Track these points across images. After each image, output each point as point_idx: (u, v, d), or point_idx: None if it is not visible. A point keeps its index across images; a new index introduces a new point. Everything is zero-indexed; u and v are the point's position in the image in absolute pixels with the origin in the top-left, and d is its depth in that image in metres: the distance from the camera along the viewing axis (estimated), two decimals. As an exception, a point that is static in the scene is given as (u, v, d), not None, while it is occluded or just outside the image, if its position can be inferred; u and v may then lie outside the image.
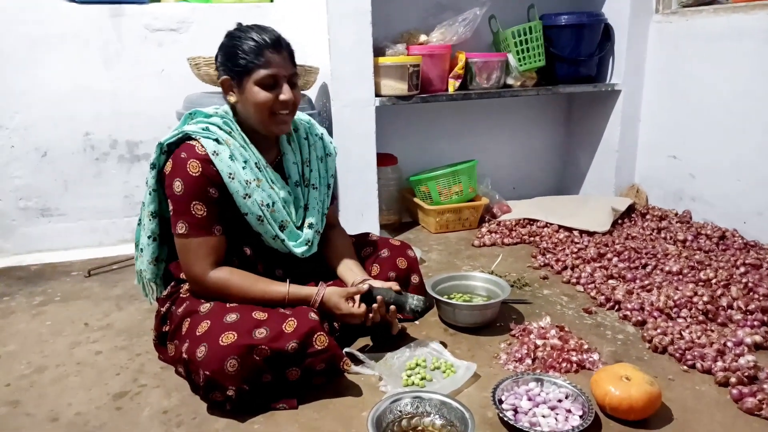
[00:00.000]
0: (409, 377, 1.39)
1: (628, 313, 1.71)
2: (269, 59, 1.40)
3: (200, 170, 1.38)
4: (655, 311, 1.69)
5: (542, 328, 1.59)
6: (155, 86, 2.45)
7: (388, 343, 1.56)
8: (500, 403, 1.26)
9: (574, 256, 2.16)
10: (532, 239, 2.43)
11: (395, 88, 2.37)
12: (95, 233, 2.54)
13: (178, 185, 1.38)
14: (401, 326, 1.62)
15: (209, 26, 2.42)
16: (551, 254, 2.22)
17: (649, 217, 2.56)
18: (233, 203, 1.44)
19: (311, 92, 2.40)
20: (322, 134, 1.70)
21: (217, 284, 1.42)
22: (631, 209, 2.63)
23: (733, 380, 1.34)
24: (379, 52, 2.37)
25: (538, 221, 2.55)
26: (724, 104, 2.33)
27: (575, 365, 1.44)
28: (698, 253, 2.14)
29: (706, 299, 1.69)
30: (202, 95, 2.12)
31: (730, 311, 1.68)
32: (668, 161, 2.63)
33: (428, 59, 2.46)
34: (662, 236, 2.35)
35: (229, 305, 1.38)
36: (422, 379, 1.38)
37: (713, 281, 1.85)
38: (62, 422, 1.30)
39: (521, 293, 1.92)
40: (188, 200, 1.38)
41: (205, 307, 1.39)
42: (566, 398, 1.28)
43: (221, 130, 1.45)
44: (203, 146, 1.40)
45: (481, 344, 1.59)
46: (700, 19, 2.41)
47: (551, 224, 2.50)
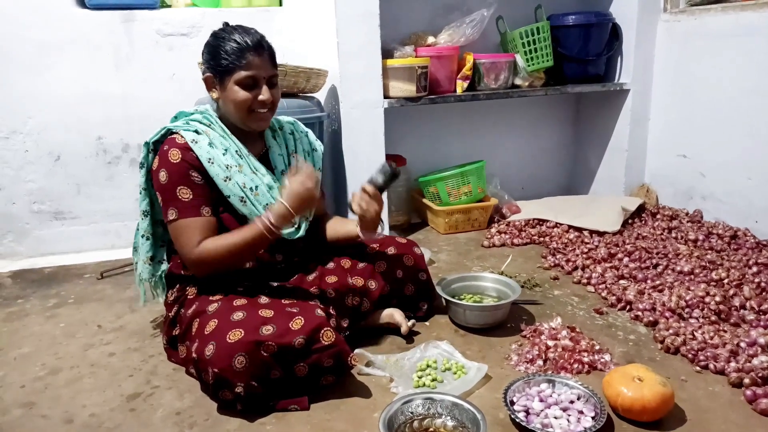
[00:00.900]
0: (420, 378, 1.39)
1: (639, 313, 1.70)
2: (250, 61, 1.45)
3: (180, 157, 1.43)
4: (666, 311, 1.68)
5: (553, 328, 1.58)
6: (166, 90, 2.48)
7: (398, 343, 1.56)
8: (512, 404, 1.26)
9: (584, 256, 2.15)
10: (541, 239, 2.42)
11: (404, 89, 2.38)
12: (107, 236, 2.57)
13: (163, 175, 1.44)
14: (411, 323, 1.62)
15: (218, 30, 2.43)
16: (561, 254, 2.22)
17: (659, 216, 2.55)
18: (218, 189, 1.47)
19: (320, 95, 2.41)
20: (307, 132, 1.76)
21: (203, 255, 1.41)
22: (641, 209, 2.62)
23: (746, 381, 1.33)
24: (387, 53, 2.38)
25: (547, 221, 2.55)
26: (733, 102, 2.31)
27: (587, 366, 1.43)
28: (710, 252, 2.13)
29: (718, 299, 1.67)
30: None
31: (742, 311, 1.67)
32: (678, 160, 2.61)
33: (436, 60, 2.47)
34: (673, 236, 2.34)
35: (236, 304, 1.39)
36: (433, 380, 1.38)
37: (725, 281, 1.84)
38: (77, 423, 1.31)
39: (532, 294, 1.91)
40: (173, 186, 1.43)
41: (212, 307, 1.40)
42: (578, 399, 1.27)
43: (201, 123, 1.52)
44: (182, 136, 1.46)
45: (491, 345, 1.59)
46: (708, 17, 2.39)
47: (561, 224, 2.50)
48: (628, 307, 1.77)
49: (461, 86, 2.54)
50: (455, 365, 1.44)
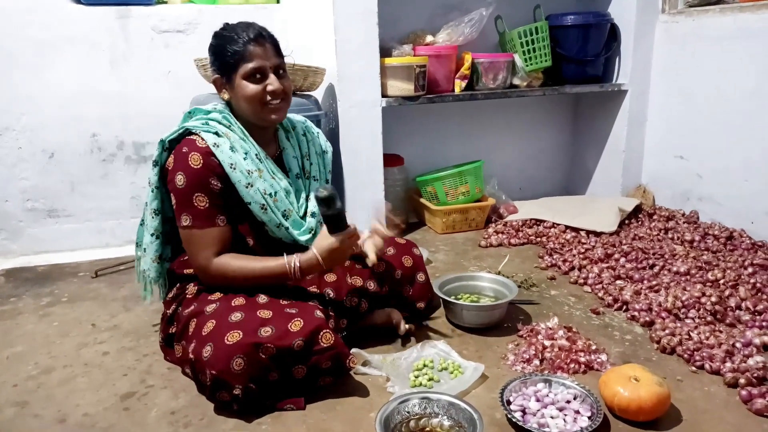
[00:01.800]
0: (416, 378, 1.39)
1: (636, 313, 1.70)
2: (252, 52, 1.43)
3: (202, 162, 1.40)
4: (663, 312, 1.68)
5: (550, 328, 1.58)
6: (162, 87, 2.46)
7: (395, 343, 1.56)
8: (508, 404, 1.25)
9: (581, 256, 2.15)
10: (539, 240, 2.42)
11: (402, 88, 2.37)
12: (102, 234, 2.55)
13: (180, 179, 1.40)
14: (408, 327, 1.61)
15: (216, 28, 2.41)
16: (558, 255, 2.22)
17: (656, 217, 2.55)
18: (236, 194, 1.45)
19: (318, 93, 2.40)
20: (319, 133, 1.76)
21: (218, 270, 1.42)
22: (638, 209, 2.62)
23: (742, 381, 1.34)
24: (385, 52, 2.37)
25: (544, 222, 2.55)
26: (731, 104, 2.32)
27: (583, 366, 1.43)
28: (706, 253, 2.13)
29: (714, 300, 1.68)
30: (209, 96, 2.12)
31: (738, 312, 1.67)
32: (675, 161, 2.62)
33: (434, 60, 2.46)
34: (669, 237, 2.34)
35: (234, 304, 1.38)
36: (430, 380, 1.38)
37: (721, 282, 1.84)
38: (70, 423, 1.30)
39: (528, 294, 1.91)
40: (190, 192, 1.40)
41: (210, 307, 1.39)
42: (575, 399, 1.27)
43: (220, 124, 1.48)
44: (203, 139, 1.42)
45: (488, 345, 1.58)
46: (706, 18, 2.40)
47: (558, 225, 2.50)
48: (624, 307, 1.77)
49: (459, 86, 2.53)
50: (452, 365, 1.43)
